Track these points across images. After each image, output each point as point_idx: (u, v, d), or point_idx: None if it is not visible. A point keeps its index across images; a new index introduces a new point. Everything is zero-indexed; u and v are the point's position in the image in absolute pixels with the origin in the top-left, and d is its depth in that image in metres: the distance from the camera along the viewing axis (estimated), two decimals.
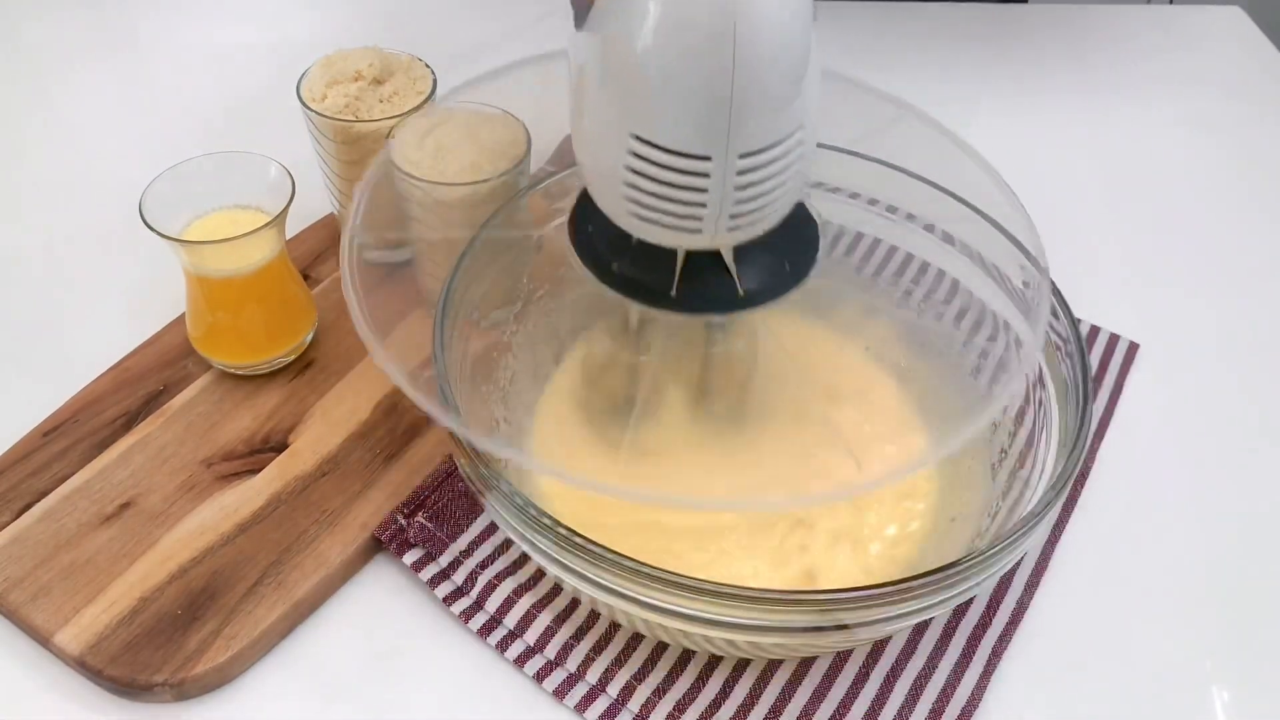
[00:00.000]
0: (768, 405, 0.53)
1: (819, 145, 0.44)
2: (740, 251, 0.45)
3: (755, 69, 0.37)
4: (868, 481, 0.45)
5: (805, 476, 0.52)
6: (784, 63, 0.38)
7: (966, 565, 0.42)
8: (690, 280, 0.45)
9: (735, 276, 0.45)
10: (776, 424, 0.53)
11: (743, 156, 0.39)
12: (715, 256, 0.45)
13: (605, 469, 0.52)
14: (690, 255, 0.44)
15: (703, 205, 0.40)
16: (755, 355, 0.52)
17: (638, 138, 0.40)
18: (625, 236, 0.44)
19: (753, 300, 0.45)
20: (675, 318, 0.46)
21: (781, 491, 0.50)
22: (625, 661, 0.49)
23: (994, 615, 0.51)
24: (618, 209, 0.42)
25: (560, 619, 0.50)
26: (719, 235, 0.42)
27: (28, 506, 0.52)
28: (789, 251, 0.47)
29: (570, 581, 0.43)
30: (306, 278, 0.64)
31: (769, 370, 0.53)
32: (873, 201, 0.58)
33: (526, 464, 0.50)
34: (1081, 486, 0.57)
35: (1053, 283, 0.51)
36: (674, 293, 0.45)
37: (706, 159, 0.39)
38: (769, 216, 0.42)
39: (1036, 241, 0.49)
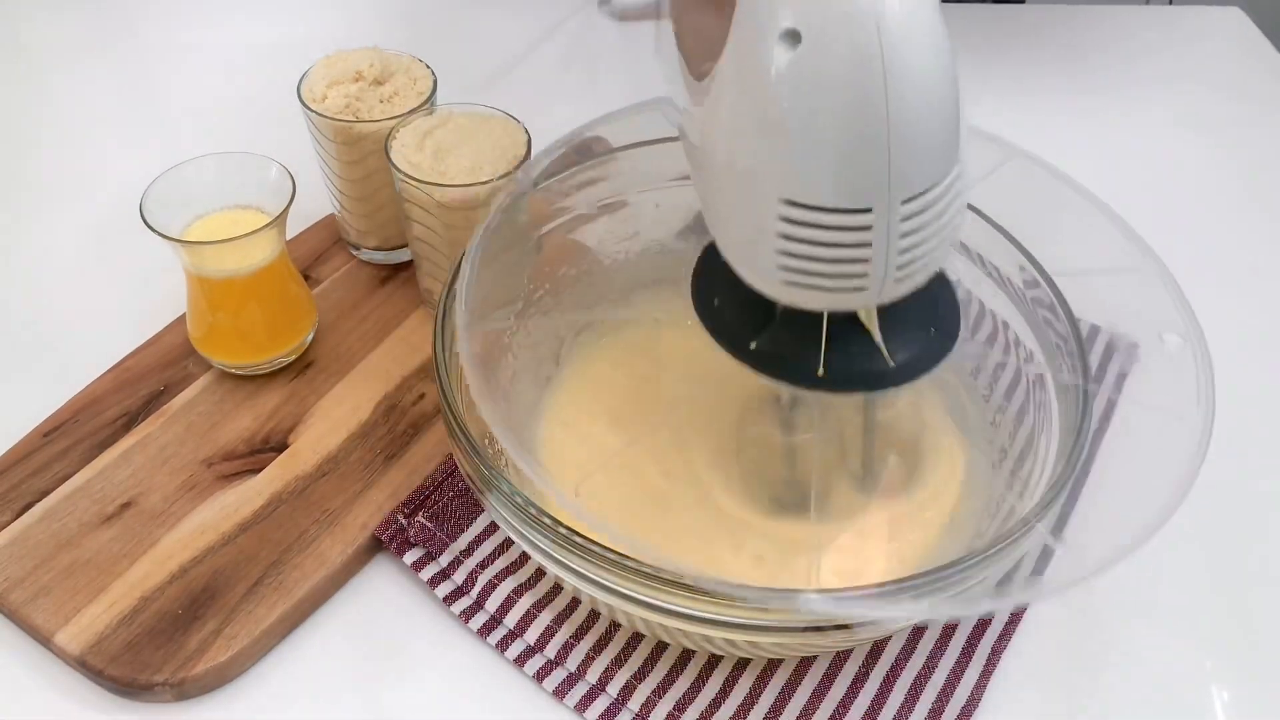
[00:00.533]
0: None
1: None
2: (885, 322, 0.42)
3: (912, 111, 0.35)
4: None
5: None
6: (939, 98, 0.36)
7: (967, 565, 0.42)
8: (837, 356, 0.42)
9: (884, 349, 0.42)
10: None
11: (905, 203, 0.37)
12: (860, 329, 0.42)
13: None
14: (833, 330, 0.41)
15: (866, 260, 0.37)
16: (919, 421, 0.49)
17: (790, 202, 0.37)
18: (762, 313, 0.42)
19: (906, 374, 0.43)
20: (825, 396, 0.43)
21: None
22: (625, 661, 0.49)
23: (994, 615, 0.51)
24: (770, 280, 0.39)
25: (560, 618, 0.50)
26: (885, 290, 0.39)
27: (28, 506, 0.52)
28: (933, 318, 0.44)
29: (570, 581, 0.44)
30: (307, 278, 0.64)
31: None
32: None
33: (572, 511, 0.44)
34: (1082, 487, 0.57)
35: (1053, 283, 0.52)
36: (822, 371, 0.42)
37: (867, 211, 0.36)
38: (934, 262, 0.39)
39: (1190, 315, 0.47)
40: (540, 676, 0.48)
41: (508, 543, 0.52)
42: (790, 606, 0.41)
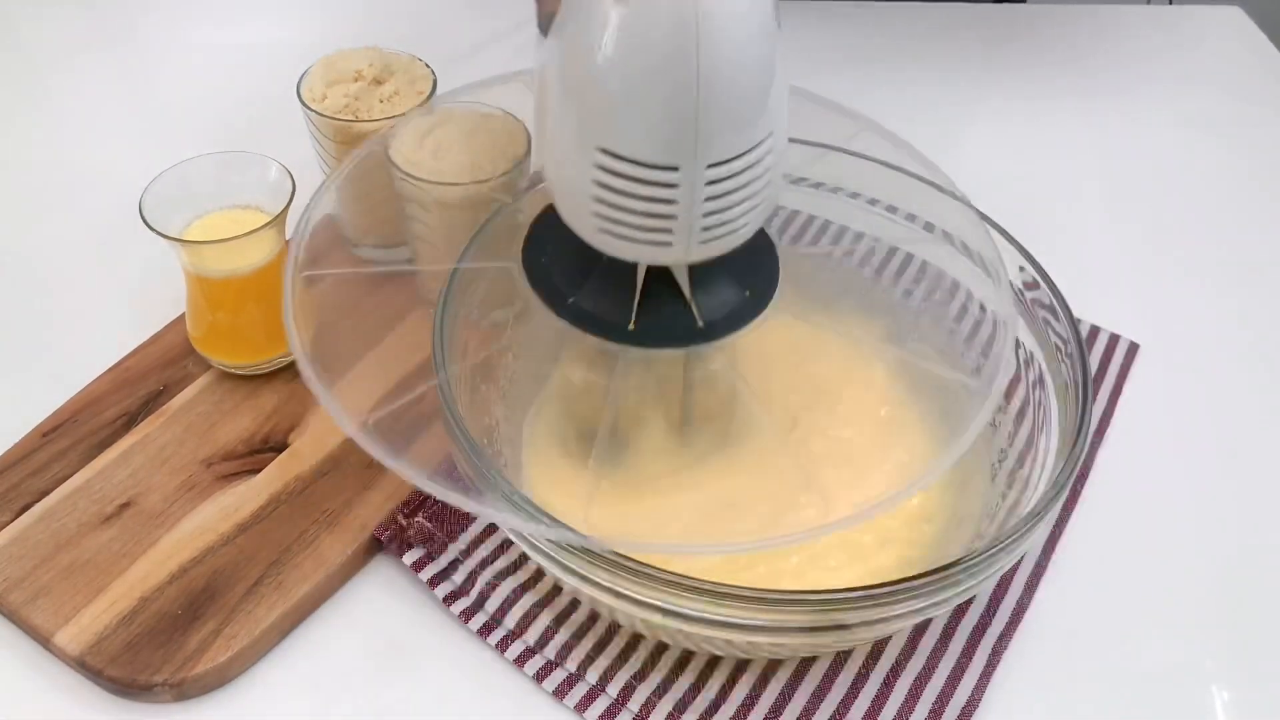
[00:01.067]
0: (750, 428, 0.52)
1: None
2: (699, 281, 0.44)
3: (721, 79, 0.37)
4: (844, 518, 0.44)
5: (782, 508, 0.50)
6: (750, 71, 0.38)
7: (966, 565, 0.42)
8: (649, 313, 0.44)
9: (695, 308, 0.44)
10: (758, 451, 0.52)
11: (711, 166, 0.39)
12: (674, 287, 0.44)
13: (584, 496, 0.50)
14: (648, 287, 0.44)
15: (673, 217, 0.40)
16: (734, 377, 0.51)
17: (604, 150, 0.39)
18: (583, 268, 0.44)
19: (713, 332, 0.45)
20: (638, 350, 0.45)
21: (753, 529, 0.48)
22: (625, 661, 0.49)
23: (994, 615, 0.51)
24: (586, 225, 0.42)
25: (560, 619, 0.50)
26: (692, 249, 0.41)
27: (28, 506, 0.52)
28: (749, 279, 0.46)
29: (570, 581, 0.43)
30: None
31: (752, 390, 0.52)
32: (873, 201, 0.58)
33: (493, 517, 0.47)
34: (1081, 486, 0.57)
35: (1053, 283, 0.52)
36: (632, 326, 0.44)
37: (674, 169, 0.38)
38: (742, 229, 0.42)
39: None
40: (540, 677, 0.48)
41: (507, 543, 0.52)
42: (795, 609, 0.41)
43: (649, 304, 0.44)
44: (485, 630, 0.50)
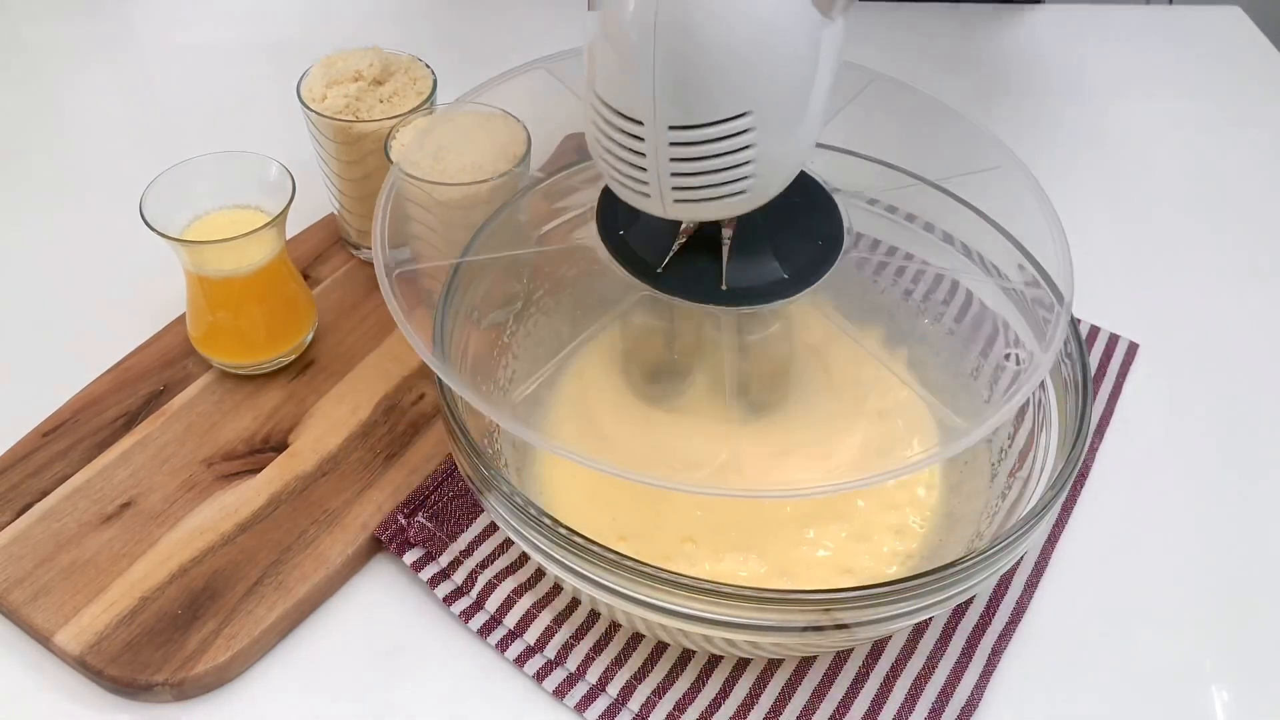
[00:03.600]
0: (792, 396, 0.53)
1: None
2: (743, 247, 0.45)
3: (680, 40, 0.38)
4: (855, 480, 0.45)
5: (818, 470, 0.51)
6: (718, 42, 0.38)
7: (966, 565, 0.42)
8: (681, 264, 0.46)
9: (724, 270, 0.45)
10: (796, 416, 0.53)
11: (672, 128, 0.40)
12: (717, 249, 0.45)
13: (619, 444, 0.52)
14: (692, 240, 0.45)
15: (644, 169, 0.41)
16: (790, 346, 0.52)
17: (595, 94, 0.42)
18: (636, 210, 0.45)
19: (731, 298, 0.46)
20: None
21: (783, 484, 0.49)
22: (625, 661, 0.49)
23: (993, 615, 0.51)
24: (599, 161, 0.44)
25: (560, 619, 0.50)
26: (668, 205, 0.42)
27: (28, 506, 0.52)
28: (794, 260, 0.47)
29: (570, 581, 0.44)
30: (306, 278, 0.64)
31: (800, 364, 0.53)
32: (871, 201, 0.58)
33: (539, 442, 0.50)
34: (1081, 486, 0.57)
35: (1053, 282, 0.51)
36: (660, 270, 0.46)
37: (639, 123, 0.40)
38: (723, 199, 0.42)
39: (1068, 270, 0.49)
40: (540, 676, 0.48)
41: (508, 543, 0.52)
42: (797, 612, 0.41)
43: (686, 256, 0.46)
44: (485, 630, 0.50)
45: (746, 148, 0.41)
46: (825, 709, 0.48)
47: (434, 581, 0.51)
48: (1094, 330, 0.64)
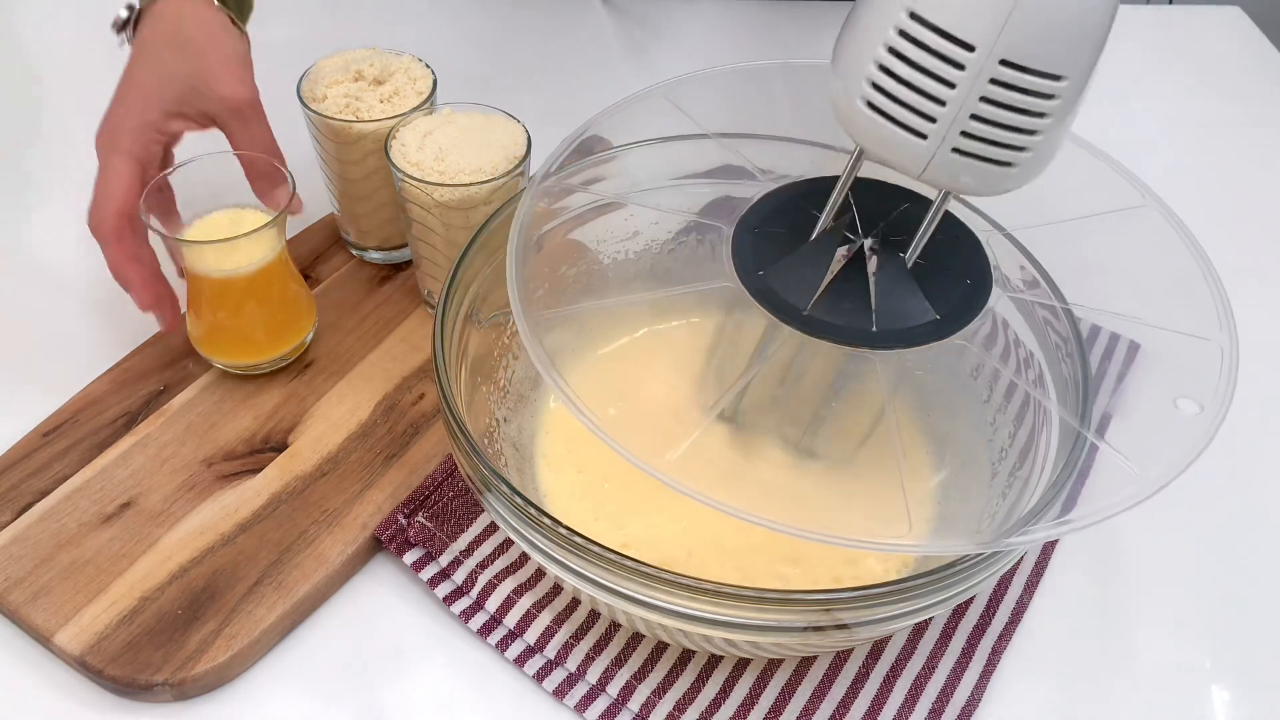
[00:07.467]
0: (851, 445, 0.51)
1: None
2: (888, 290, 0.44)
3: None
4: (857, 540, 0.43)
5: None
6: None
7: (966, 565, 0.42)
8: (826, 307, 0.44)
9: (873, 312, 0.43)
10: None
11: (1003, 63, 0.37)
12: (862, 291, 0.44)
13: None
14: (835, 283, 0.44)
15: (941, 103, 0.39)
16: (879, 407, 0.50)
17: (912, 14, 0.38)
18: (781, 250, 0.44)
19: (883, 341, 0.44)
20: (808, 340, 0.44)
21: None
22: (625, 661, 0.49)
23: (993, 615, 0.51)
24: (850, 100, 0.40)
25: (560, 619, 0.50)
26: (940, 154, 0.40)
27: (28, 506, 0.52)
28: (943, 305, 0.45)
29: (570, 581, 0.43)
30: (307, 278, 0.64)
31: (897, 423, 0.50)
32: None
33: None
34: (1081, 486, 0.56)
35: (1053, 282, 0.51)
36: (806, 311, 0.44)
37: (969, 49, 0.37)
38: (990, 167, 0.40)
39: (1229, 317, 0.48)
40: (540, 676, 0.48)
41: (508, 543, 0.52)
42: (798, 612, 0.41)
43: (829, 297, 0.44)
44: (485, 630, 0.50)
45: (1044, 115, 0.39)
46: (825, 709, 0.48)
47: (434, 581, 0.51)
48: (1094, 330, 0.64)
